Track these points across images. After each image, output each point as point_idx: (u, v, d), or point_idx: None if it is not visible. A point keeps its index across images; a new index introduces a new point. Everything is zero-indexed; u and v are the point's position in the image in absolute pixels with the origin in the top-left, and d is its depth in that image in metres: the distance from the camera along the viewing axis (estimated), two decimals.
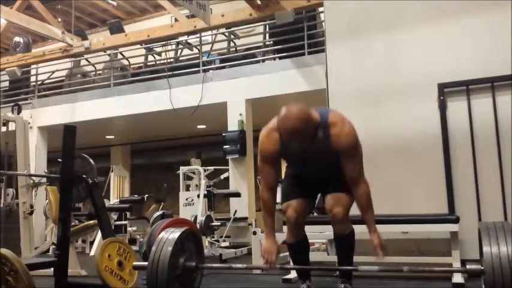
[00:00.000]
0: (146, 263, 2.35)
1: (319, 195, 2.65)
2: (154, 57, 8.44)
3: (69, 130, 2.88)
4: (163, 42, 7.73)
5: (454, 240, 3.12)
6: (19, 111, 4.81)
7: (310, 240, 2.71)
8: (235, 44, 7.70)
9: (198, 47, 7.57)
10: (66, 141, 2.85)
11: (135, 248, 4.67)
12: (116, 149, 10.61)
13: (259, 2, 5.70)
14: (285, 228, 3.46)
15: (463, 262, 2.97)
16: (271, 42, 7.10)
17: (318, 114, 2.26)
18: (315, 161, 2.38)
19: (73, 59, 8.17)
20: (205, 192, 5.65)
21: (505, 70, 3.32)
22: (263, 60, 7.13)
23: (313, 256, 3.24)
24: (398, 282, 3.07)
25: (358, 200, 2.39)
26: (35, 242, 4.78)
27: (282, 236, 3.63)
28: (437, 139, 3.48)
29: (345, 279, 2.55)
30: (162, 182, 8.03)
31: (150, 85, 7.41)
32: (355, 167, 2.33)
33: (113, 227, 4.60)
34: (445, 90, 3.50)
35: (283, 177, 2.73)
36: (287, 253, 3.83)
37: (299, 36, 6.45)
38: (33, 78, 8.98)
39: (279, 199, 4.18)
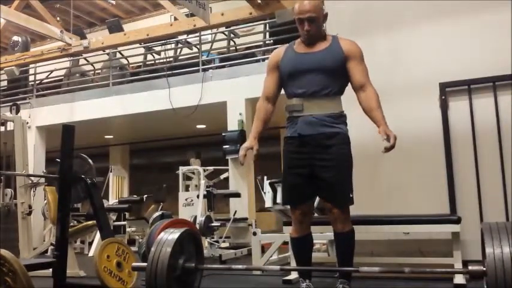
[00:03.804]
0: (145, 264, 2.33)
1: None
2: (154, 57, 8.42)
3: (68, 130, 2.86)
4: (163, 42, 7.71)
5: (456, 240, 3.10)
6: (17, 111, 4.78)
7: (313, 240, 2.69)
8: (235, 43, 7.67)
9: (198, 46, 7.55)
10: (64, 141, 2.83)
11: (134, 248, 4.65)
12: (114, 149, 10.59)
13: (259, 1, 5.68)
14: (285, 228, 3.45)
15: (465, 263, 2.96)
16: (272, 41, 7.08)
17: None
18: (318, 68, 2.45)
19: (72, 58, 8.14)
20: (205, 192, 5.62)
21: (507, 70, 3.31)
22: (263, 60, 7.10)
23: (314, 257, 3.21)
24: (399, 283, 3.06)
25: (367, 100, 2.45)
26: (34, 243, 4.76)
27: (282, 236, 3.62)
28: (438, 139, 3.46)
29: (344, 279, 2.53)
30: (161, 182, 8.00)
31: (149, 84, 7.39)
32: (363, 72, 2.49)
33: (111, 228, 4.58)
34: (447, 90, 3.48)
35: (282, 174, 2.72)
36: (287, 254, 3.83)
37: (299, 36, 6.41)
38: (31, 78, 8.96)
39: (279, 199, 4.15)
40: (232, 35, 7.59)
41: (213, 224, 5.26)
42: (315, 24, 2.46)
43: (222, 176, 6.52)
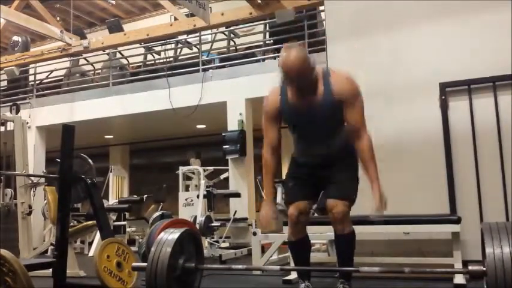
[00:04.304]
0: (145, 264, 2.33)
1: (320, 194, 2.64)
2: (154, 57, 8.41)
3: (68, 130, 2.86)
4: (163, 41, 7.71)
5: (456, 240, 3.10)
6: (17, 111, 4.78)
7: (310, 241, 2.69)
8: (235, 43, 7.67)
9: (198, 46, 7.55)
10: (64, 141, 2.83)
11: (134, 248, 4.65)
12: (114, 149, 10.58)
13: (259, 1, 5.69)
14: (285, 228, 3.45)
15: (465, 263, 2.96)
16: (271, 41, 7.08)
17: (319, 68, 2.38)
18: (316, 117, 2.39)
19: (72, 58, 8.14)
20: (205, 192, 5.62)
21: (507, 70, 3.31)
22: (263, 59, 7.10)
23: (314, 257, 3.22)
24: (399, 283, 3.05)
25: (360, 152, 2.38)
26: (34, 243, 4.75)
27: (282, 236, 3.62)
28: (438, 139, 3.46)
29: (345, 279, 2.53)
30: (161, 182, 8.00)
31: (149, 84, 7.39)
32: (357, 115, 2.36)
33: (111, 228, 4.58)
34: (447, 90, 3.48)
35: (284, 177, 2.73)
36: (287, 254, 3.83)
37: (299, 35, 6.42)
38: (31, 78, 8.95)
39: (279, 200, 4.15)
40: (232, 35, 7.58)
41: (213, 224, 5.26)
42: (306, 78, 2.29)
43: (222, 176, 6.52)
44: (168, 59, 7.65)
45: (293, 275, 3.24)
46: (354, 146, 2.43)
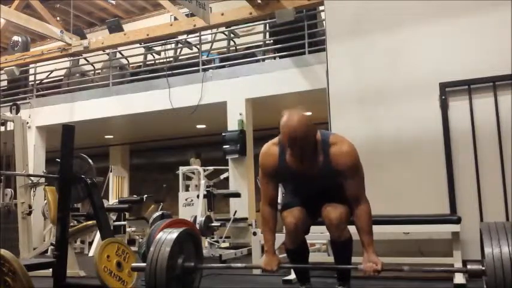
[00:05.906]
0: (145, 264, 2.33)
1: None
2: (154, 57, 8.42)
3: (68, 130, 2.86)
4: (163, 41, 7.71)
5: (456, 240, 3.10)
6: (17, 111, 4.78)
7: (310, 241, 2.69)
8: (235, 43, 7.68)
9: (198, 46, 7.55)
10: (64, 141, 2.83)
11: (134, 248, 4.66)
12: (114, 148, 10.59)
13: (259, 1, 5.68)
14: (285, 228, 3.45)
15: (465, 262, 2.96)
16: (272, 41, 7.08)
17: (319, 134, 2.30)
18: (314, 182, 2.37)
19: (72, 58, 8.14)
20: (205, 192, 5.63)
21: (507, 70, 3.31)
22: (263, 60, 7.10)
23: (314, 257, 3.21)
24: (399, 282, 3.06)
25: (357, 220, 2.34)
26: (34, 243, 4.75)
27: (282, 237, 3.61)
28: (438, 139, 3.46)
29: (343, 281, 2.53)
30: (161, 182, 8.01)
31: (149, 84, 7.39)
32: (355, 186, 2.33)
33: (111, 228, 4.58)
34: (447, 90, 3.48)
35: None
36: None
37: (299, 35, 6.43)
38: (31, 78, 8.95)
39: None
40: (232, 35, 7.58)
41: (213, 224, 5.26)
42: (309, 145, 2.23)
43: (222, 176, 6.52)
44: (168, 59, 7.65)
45: (293, 275, 3.24)
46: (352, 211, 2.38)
